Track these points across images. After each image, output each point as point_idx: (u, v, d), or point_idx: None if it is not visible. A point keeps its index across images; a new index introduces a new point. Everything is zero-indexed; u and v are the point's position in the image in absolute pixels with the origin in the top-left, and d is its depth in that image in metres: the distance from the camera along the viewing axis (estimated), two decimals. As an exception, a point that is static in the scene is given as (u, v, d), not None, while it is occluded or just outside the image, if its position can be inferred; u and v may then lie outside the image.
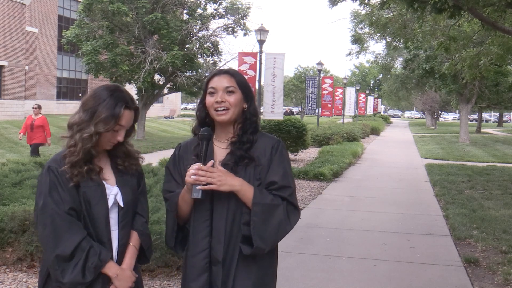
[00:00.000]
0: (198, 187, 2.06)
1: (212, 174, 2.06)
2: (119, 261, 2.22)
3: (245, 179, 2.14)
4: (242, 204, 2.13)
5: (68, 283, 2.07)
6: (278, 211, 2.11)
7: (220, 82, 2.18)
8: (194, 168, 2.08)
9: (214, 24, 40.82)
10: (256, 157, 2.16)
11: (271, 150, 2.18)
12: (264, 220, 2.09)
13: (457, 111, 41.13)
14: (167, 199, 2.26)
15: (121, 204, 2.23)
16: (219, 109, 2.15)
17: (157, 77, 23.57)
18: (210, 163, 2.11)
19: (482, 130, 41.40)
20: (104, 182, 2.20)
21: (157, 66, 20.97)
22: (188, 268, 2.20)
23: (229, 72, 2.23)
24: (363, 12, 17.20)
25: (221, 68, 2.21)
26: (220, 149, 2.21)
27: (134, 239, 2.28)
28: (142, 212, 2.32)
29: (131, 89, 21.64)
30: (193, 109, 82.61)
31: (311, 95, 29.27)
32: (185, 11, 23.88)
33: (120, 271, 2.18)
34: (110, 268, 2.15)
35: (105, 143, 2.19)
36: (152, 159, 10.75)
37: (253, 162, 2.15)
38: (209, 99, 2.18)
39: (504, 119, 63.64)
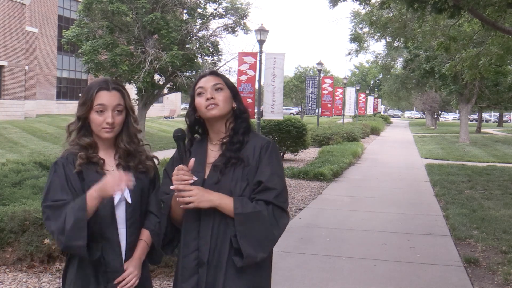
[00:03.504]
0: (181, 206, 2.06)
1: (190, 193, 2.02)
2: (128, 260, 2.20)
3: (233, 180, 2.10)
4: None
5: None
6: (262, 217, 2.05)
7: (207, 82, 2.18)
8: (176, 170, 2.06)
9: (214, 24, 40.85)
10: (246, 158, 2.13)
11: (260, 151, 2.14)
12: (250, 229, 2.04)
13: (457, 111, 41.08)
14: (162, 201, 2.24)
15: (129, 201, 2.20)
16: (209, 105, 2.14)
17: (157, 77, 23.54)
18: (191, 161, 2.09)
19: (482, 130, 41.41)
20: None
21: (157, 66, 20.96)
22: (180, 269, 2.17)
23: (214, 73, 2.24)
24: (363, 11, 17.19)
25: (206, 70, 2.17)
26: (213, 151, 2.19)
27: (146, 236, 2.26)
28: (156, 211, 2.29)
29: (131, 89, 21.64)
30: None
31: (311, 95, 29.24)
32: (185, 11, 23.86)
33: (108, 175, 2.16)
34: (92, 189, 2.09)
35: (96, 127, 2.20)
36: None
37: (242, 163, 2.12)
38: (199, 100, 2.17)
39: (504, 119, 63.64)
